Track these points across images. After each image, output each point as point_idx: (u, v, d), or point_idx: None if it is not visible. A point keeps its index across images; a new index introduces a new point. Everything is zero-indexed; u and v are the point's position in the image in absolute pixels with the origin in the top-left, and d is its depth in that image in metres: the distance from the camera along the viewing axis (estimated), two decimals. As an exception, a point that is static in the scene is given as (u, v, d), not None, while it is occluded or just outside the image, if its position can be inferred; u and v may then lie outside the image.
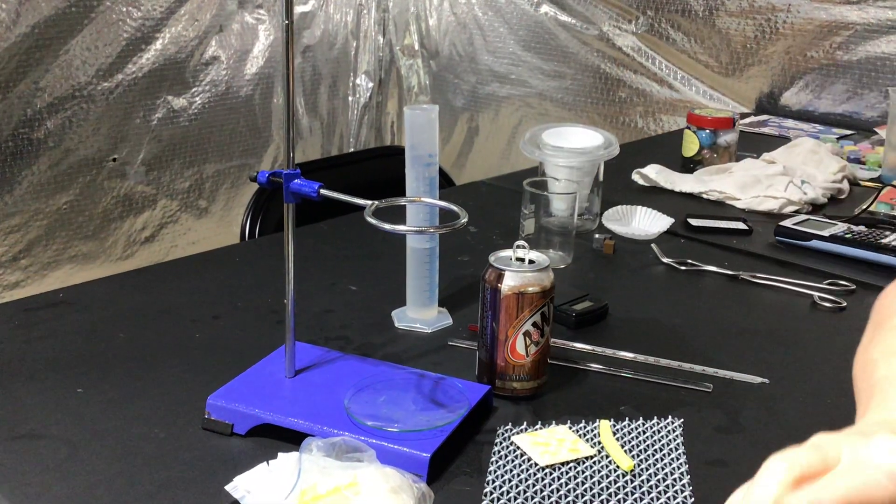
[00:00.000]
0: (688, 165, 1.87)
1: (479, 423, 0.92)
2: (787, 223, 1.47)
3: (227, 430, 0.88)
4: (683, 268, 1.34)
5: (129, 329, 1.10)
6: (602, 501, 0.80)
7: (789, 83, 2.46)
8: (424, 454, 0.81)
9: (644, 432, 0.91)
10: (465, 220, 0.84)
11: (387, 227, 0.81)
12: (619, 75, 2.76)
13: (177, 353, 1.05)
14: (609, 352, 1.07)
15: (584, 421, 0.92)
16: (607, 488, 0.82)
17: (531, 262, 0.96)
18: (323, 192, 0.87)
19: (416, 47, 3.23)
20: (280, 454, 0.80)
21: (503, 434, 0.90)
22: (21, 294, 2.22)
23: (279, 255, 0.93)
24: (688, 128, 1.88)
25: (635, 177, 1.78)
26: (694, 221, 1.53)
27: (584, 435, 0.90)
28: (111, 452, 0.85)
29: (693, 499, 0.81)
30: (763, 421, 0.95)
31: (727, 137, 1.86)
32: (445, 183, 1.98)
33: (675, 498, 0.81)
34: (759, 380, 1.02)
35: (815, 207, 1.65)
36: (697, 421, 0.94)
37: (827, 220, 1.51)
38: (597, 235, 1.43)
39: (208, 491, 0.80)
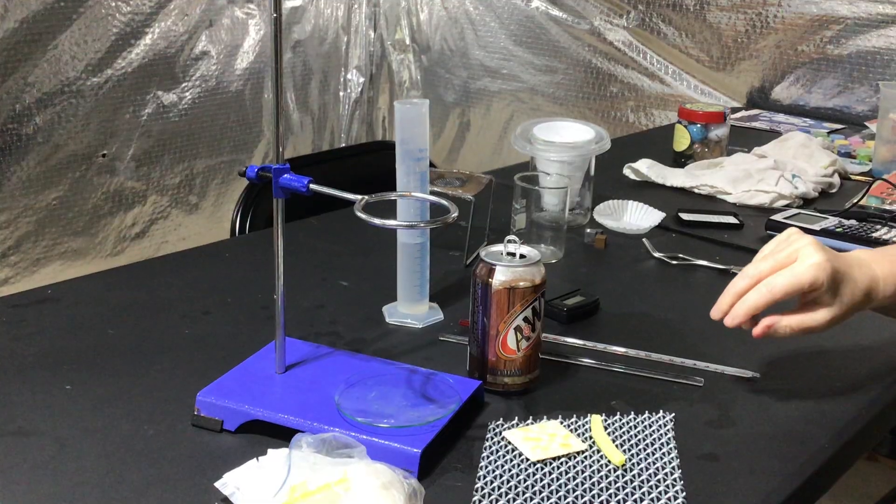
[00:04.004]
0: (679, 160, 1.87)
1: (471, 418, 0.92)
2: (777, 217, 1.47)
3: (216, 426, 0.88)
4: (675, 262, 1.34)
5: (117, 325, 1.10)
6: (594, 496, 0.80)
7: (780, 77, 2.46)
8: (415, 450, 0.81)
9: (635, 427, 0.91)
10: (455, 214, 0.83)
11: (376, 221, 0.81)
12: (611, 70, 2.76)
13: (166, 350, 1.04)
14: (600, 346, 1.07)
15: (575, 416, 0.92)
16: (599, 483, 0.82)
17: (522, 256, 0.96)
18: (313, 186, 0.87)
19: (408, 42, 3.23)
20: (270, 450, 0.80)
21: (494, 429, 0.90)
22: (10, 291, 2.21)
23: (269, 250, 0.93)
24: (679, 122, 1.88)
25: (626, 171, 1.78)
26: (685, 216, 1.53)
27: (576, 430, 0.90)
28: (100, 449, 0.84)
29: (684, 493, 0.81)
30: (754, 415, 0.95)
31: (718, 132, 1.86)
32: (437, 178, 1.97)
33: (666, 492, 0.81)
34: (750, 374, 1.02)
35: (805, 201, 1.65)
36: (689, 415, 0.94)
37: (818, 214, 1.51)
38: (588, 230, 1.43)
39: (198, 488, 0.79)
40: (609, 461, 0.85)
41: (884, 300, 0.96)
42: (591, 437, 0.89)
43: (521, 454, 0.86)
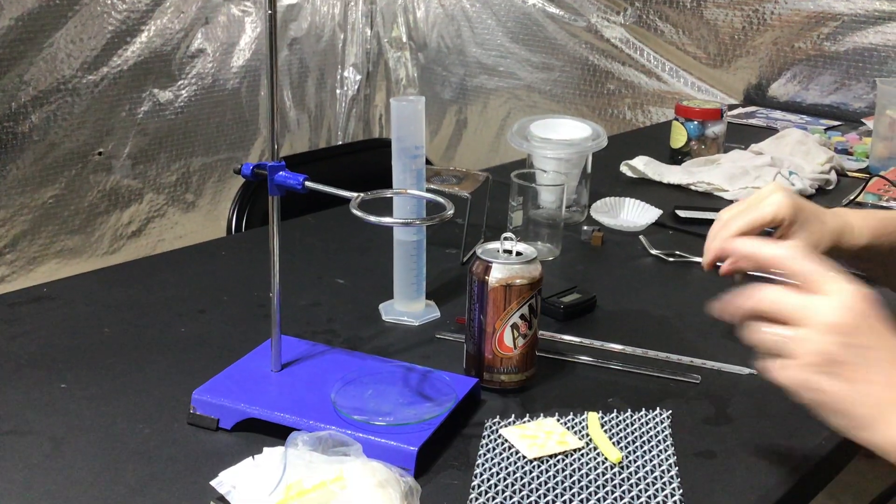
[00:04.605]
0: (676, 157, 1.87)
1: (467, 416, 0.91)
2: (774, 214, 1.47)
3: (212, 424, 0.87)
4: (671, 259, 1.34)
5: (113, 324, 1.10)
6: (590, 494, 0.80)
7: (777, 74, 2.46)
8: (412, 448, 0.81)
9: (632, 424, 0.91)
10: (450, 211, 0.83)
11: (372, 219, 0.81)
12: (608, 67, 2.76)
13: (162, 348, 1.04)
14: (597, 344, 1.07)
15: (572, 413, 0.92)
16: (595, 480, 0.82)
17: (519, 254, 0.96)
18: (308, 184, 0.87)
19: (404, 39, 3.22)
20: (265, 449, 0.80)
21: (491, 427, 0.89)
22: (6, 289, 2.20)
23: (265, 248, 0.93)
24: (676, 119, 1.88)
25: (623, 168, 1.78)
26: (682, 213, 1.53)
27: (572, 427, 0.90)
28: (95, 448, 0.84)
29: (681, 490, 0.81)
30: (751, 412, 0.95)
31: (715, 129, 1.86)
32: (433, 175, 1.97)
33: (662, 490, 0.81)
34: (746, 371, 1.02)
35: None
36: (685, 412, 0.94)
37: (815, 211, 1.50)
38: (585, 227, 1.43)
39: (193, 486, 0.79)
40: (606, 458, 0.85)
41: (858, 249, 0.99)
42: (587, 435, 0.89)
43: (517, 452, 0.85)
